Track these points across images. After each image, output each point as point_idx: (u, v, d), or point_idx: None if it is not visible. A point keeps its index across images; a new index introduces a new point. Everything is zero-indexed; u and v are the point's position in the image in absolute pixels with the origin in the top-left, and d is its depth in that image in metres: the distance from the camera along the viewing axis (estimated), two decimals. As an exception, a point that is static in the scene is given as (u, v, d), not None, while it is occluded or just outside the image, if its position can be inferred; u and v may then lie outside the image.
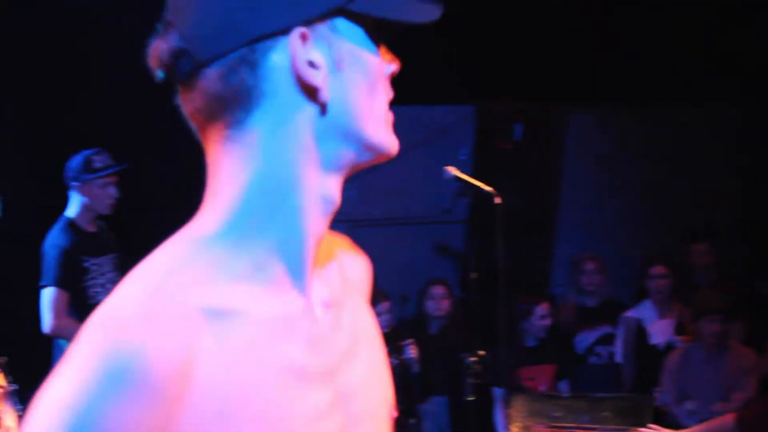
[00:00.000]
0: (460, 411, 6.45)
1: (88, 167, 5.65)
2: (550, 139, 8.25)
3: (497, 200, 4.93)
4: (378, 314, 6.13)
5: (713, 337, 6.08)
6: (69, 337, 5.49)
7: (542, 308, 6.69)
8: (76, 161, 5.68)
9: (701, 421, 5.93)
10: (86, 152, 5.70)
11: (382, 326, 5.38)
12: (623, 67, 7.75)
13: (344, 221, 8.35)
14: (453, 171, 5.11)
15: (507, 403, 6.10)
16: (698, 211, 8.71)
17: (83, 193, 5.69)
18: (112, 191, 5.74)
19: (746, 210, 9.06)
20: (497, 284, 4.96)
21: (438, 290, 6.92)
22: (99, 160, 5.69)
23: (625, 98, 8.46)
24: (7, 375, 2.12)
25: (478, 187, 5.05)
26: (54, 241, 5.58)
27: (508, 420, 6.00)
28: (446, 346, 6.65)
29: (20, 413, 2.18)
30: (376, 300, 6.21)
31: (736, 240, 8.74)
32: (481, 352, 5.04)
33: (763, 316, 6.99)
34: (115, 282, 5.76)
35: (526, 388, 6.54)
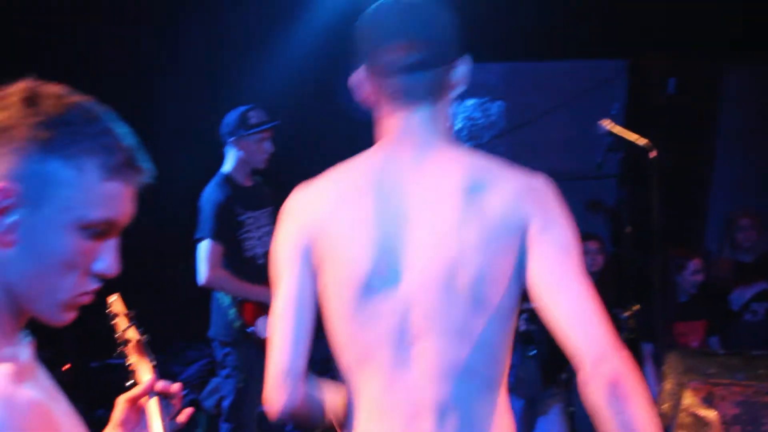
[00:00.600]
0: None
1: (244, 123, 5.73)
2: (704, 94, 8.09)
3: (652, 154, 4.87)
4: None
5: None
6: (224, 288, 5.66)
7: (695, 263, 6.61)
8: (231, 117, 5.78)
9: None
10: (241, 108, 5.79)
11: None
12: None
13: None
14: (608, 125, 5.07)
15: (660, 360, 6.07)
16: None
17: (239, 148, 5.77)
18: (268, 146, 5.81)
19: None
20: (651, 239, 4.91)
21: (592, 245, 6.87)
22: (254, 116, 5.77)
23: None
24: (138, 327, 2.23)
25: (632, 142, 4.99)
26: (210, 195, 5.68)
27: (662, 377, 5.96)
28: (600, 301, 6.63)
29: (154, 364, 2.28)
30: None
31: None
32: (635, 308, 5.02)
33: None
34: (270, 235, 5.87)
35: (679, 344, 6.50)
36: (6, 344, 1.53)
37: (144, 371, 2.25)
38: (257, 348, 5.48)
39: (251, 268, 5.69)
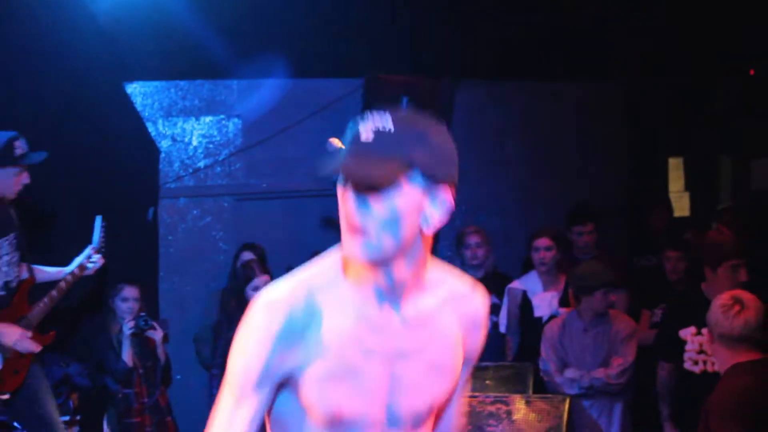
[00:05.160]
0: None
1: (9, 153, 5.31)
2: (437, 113, 8.26)
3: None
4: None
5: (606, 308, 6.20)
6: None
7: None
8: None
9: (582, 388, 6.08)
10: (4, 135, 5.36)
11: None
12: (510, 41, 7.83)
13: (230, 195, 8.35)
14: (337, 143, 5.09)
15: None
16: (584, 186, 8.87)
17: None
18: (26, 179, 5.42)
19: (630, 186, 9.27)
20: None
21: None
22: (20, 146, 5.36)
23: (512, 72, 8.57)
24: None
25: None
26: None
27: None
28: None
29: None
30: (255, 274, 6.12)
31: (617, 215, 8.95)
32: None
33: (641, 288, 7.18)
34: (11, 264, 5.49)
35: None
36: None
37: None
38: None
39: None
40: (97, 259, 5.88)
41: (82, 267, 5.80)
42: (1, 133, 5.38)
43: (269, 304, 2.21)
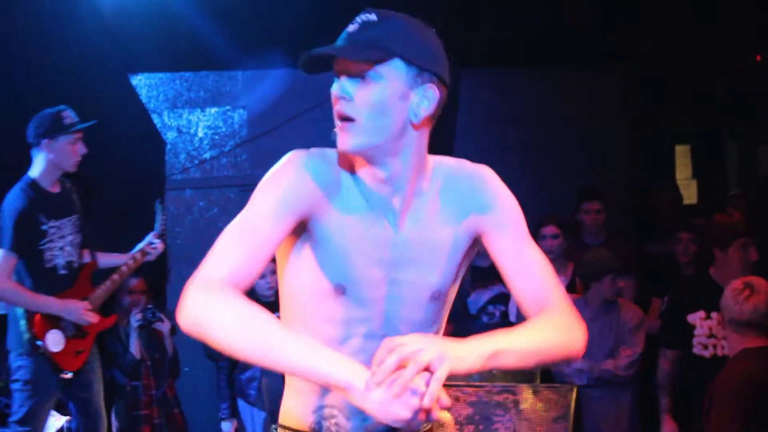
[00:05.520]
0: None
1: (58, 124, 5.46)
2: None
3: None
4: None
5: (614, 294, 6.17)
6: (12, 300, 5.49)
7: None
8: (43, 118, 5.49)
9: (590, 379, 6.06)
10: (52, 109, 5.51)
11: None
12: (514, 28, 7.80)
13: (236, 186, 8.34)
14: (341, 132, 5.08)
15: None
16: (588, 173, 8.84)
17: (50, 150, 5.49)
18: (81, 149, 5.55)
19: (634, 172, 9.23)
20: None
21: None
22: (68, 117, 5.50)
23: (516, 59, 8.53)
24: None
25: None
26: (12, 202, 5.41)
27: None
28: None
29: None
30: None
31: (624, 202, 8.91)
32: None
33: (650, 276, 7.13)
34: (74, 245, 5.64)
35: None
36: None
37: None
38: (48, 361, 5.44)
39: (51, 279, 5.51)
40: (158, 244, 6.01)
41: (143, 252, 5.95)
42: (48, 109, 5.53)
43: (298, 151, 2.37)
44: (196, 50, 7.66)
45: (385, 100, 2.24)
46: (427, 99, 2.28)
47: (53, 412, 6.00)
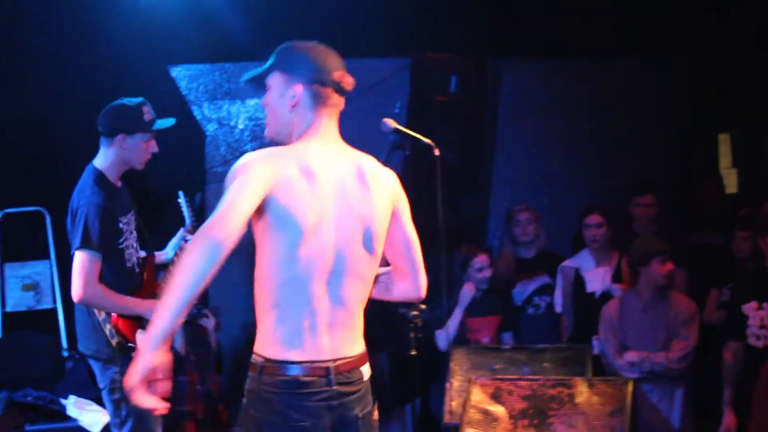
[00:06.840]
0: (403, 366, 6.43)
1: (140, 119, 5.10)
2: (485, 92, 8.17)
3: (436, 152, 4.85)
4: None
5: (665, 278, 6.07)
6: (101, 305, 5.01)
7: (480, 260, 6.65)
8: (123, 111, 5.10)
9: (642, 372, 5.97)
10: (131, 101, 5.14)
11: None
12: (556, 20, 7.72)
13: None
14: (391, 123, 4.98)
15: (448, 357, 6.08)
16: (631, 164, 8.75)
17: (124, 146, 5.09)
18: (154, 148, 5.20)
19: (678, 163, 9.13)
20: (437, 237, 4.88)
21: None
22: (148, 112, 5.14)
23: (558, 50, 8.45)
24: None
25: (417, 140, 4.94)
26: (90, 198, 4.95)
27: (450, 374, 5.98)
28: (386, 301, 6.60)
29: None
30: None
31: (667, 192, 8.79)
32: (422, 306, 4.99)
33: (701, 267, 7.00)
34: (137, 241, 5.28)
35: (468, 340, 6.52)
36: None
37: None
38: None
39: (131, 279, 5.15)
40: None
41: (182, 249, 5.58)
42: (128, 99, 5.17)
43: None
44: (236, 41, 7.60)
45: (270, 102, 3.38)
46: (290, 97, 3.30)
47: (99, 407, 5.91)
